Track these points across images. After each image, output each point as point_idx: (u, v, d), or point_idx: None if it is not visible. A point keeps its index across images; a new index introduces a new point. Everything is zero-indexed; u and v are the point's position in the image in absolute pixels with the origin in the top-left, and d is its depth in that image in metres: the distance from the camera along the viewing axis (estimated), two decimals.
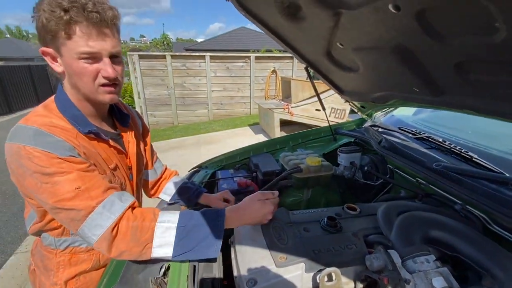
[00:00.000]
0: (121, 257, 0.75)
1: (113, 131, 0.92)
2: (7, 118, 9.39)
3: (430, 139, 1.24)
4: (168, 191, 1.21)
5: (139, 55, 6.89)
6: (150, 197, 1.25)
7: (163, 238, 0.73)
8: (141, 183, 1.11)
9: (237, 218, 0.80)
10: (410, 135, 1.35)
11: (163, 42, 22.44)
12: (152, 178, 1.18)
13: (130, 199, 0.77)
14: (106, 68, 0.73)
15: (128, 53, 7.02)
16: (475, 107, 0.80)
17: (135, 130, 1.02)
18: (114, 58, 0.76)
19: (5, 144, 0.71)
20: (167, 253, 0.74)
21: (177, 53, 7.42)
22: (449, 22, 0.60)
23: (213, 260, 0.81)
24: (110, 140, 0.85)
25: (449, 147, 1.13)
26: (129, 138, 0.96)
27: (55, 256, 0.89)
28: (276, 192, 0.85)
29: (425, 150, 1.18)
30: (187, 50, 16.96)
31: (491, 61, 0.61)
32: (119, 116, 0.95)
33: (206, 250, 0.75)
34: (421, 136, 1.29)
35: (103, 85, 0.76)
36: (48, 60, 0.74)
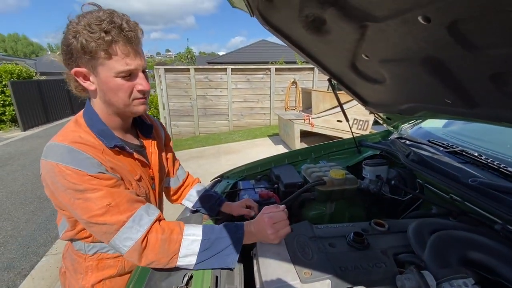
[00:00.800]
0: (150, 266, 0.80)
1: (136, 142, 0.96)
2: (45, 128, 10.16)
3: (464, 153, 1.17)
4: (191, 198, 1.24)
5: (165, 68, 7.24)
6: (172, 203, 1.28)
7: (189, 250, 0.79)
8: (162, 192, 1.14)
9: (253, 236, 0.84)
10: (441, 148, 1.28)
11: (187, 56, 23.43)
12: (174, 185, 1.22)
13: (156, 212, 0.82)
14: (141, 82, 0.79)
15: (155, 67, 7.39)
16: None
17: (157, 140, 1.05)
18: (144, 72, 0.81)
19: (41, 161, 0.76)
20: (191, 261, 0.80)
21: (201, 66, 7.70)
22: (484, 33, 0.57)
23: (231, 269, 0.85)
24: (134, 153, 0.88)
25: (485, 162, 1.06)
26: (151, 149, 0.99)
27: (84, 261, 0.93)
28: (283, 208, 0.87)
29: (459, 165, 1.11)
30: (209, 63, 17.55)
31: None
32: (142, 127, 0.99)
33: (225, 259, 0.80)
34: (454, 149, 1.22)
35: (137, 98, 0.81)
36: (80, 80, 0.77)
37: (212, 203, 1.19)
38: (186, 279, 0.86)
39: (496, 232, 0.85)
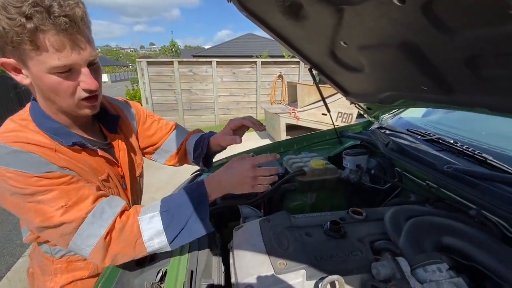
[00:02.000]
0: (116, 261, 0.72)
1: (100, 140, 0.86)
2: None
3: (440, 141, 1.18)
4: (189, 147, 1.11)
5: (147, 61, 7.01)
6: (180, 165, 1.18)
7: (151, 229, 0.70)
8: (139, 188, 1.07)
9: (217, 186, 0.75)
10: (419, 137, 1.29)
11: (171, 49, 22.85)
12: (165, 158, 1.11)
13: (120, 204, 0.73)
14: (86, 80, 0.65)
15: (137, 60, 7.16)
16: (488, 104, 0.75)
17: (127, 131, 0.96)
18: (92, 65, 0.68)
19: None
20: (162, 241, 0.71)
21: (184, 59, 7.52)
22: (458, 14, 0.56)
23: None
24: (98, 150, 0.79)
25: (461, 149, 1.07)
26: (119, 145, 0.89)
27: (51, 263, 0.87)
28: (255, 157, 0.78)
29: (436, 152, 1.13)
30: (194, 56, 17.22)
31: (505, 53, 0.57)
32: (105, 122, 0.88)
33: (197, 226, 0.72)
34: (431, 137, 1.23)
35: (85, 98, 0.68)
36: (11, 73, 0.63)
37: (201, 148, 1.05)
38: (160, 275, 0.82)
39: (471, 218, 0.86)
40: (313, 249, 0.71)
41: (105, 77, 35.50)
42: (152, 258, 0.91)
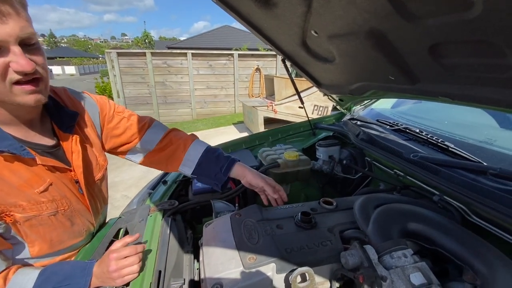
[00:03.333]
0: None
1: (48, 141, 0.75)
2: None
3: (407, 130, 1.22)
4: (188, 162, 0.97)
5: (117, 52, 6.63)
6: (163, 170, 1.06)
7: None
8: (101, 192, 0.95)
9: (96, 280, 0.70)
10: (388, 126, 1.33)
11: (145, 41, 21.82)
12: (140, 158, 1.00)
13: None
14: (18, 60, 0.56)
15: (106, 51, 6.74)
16: (450, 93, 0.78)
17: (83, 131, 0.85)
18: (28, 46, 0.59)
19: None
20: None
21: (158, 51, 7.20)
22: (422, 0, 0.56)
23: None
24: (37, 158, 0.68)
25: (426, 138, 1.12)
26: (72, 147, 0.78)
27: None
28: (141, 246, 0.75)
29: (403, 142, 1.16)
30: (169, 48, 16.61)
31: (466, 41, 0.58)
32: (59, 119, 0.77)
33: None
34: (399, 127, 1.27)
35: (18, 83, 0.59)
36: None
37: (218, 170, 0.93)
38: None
39: (435, 203, 0.90)
40: (283, 242, 0.69)
41: (72, 69, 33.19)
42: None
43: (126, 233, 0.98)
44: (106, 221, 1.07)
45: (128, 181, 3.96)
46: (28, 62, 0.57)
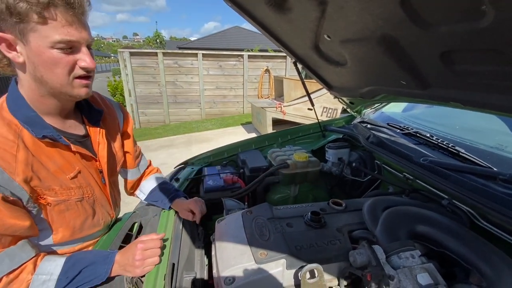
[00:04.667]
0: None
1: (79, 132, 0.84)
2: None
3: (418, 135, 1.23)
4: (144, 189, 1.14)
5: (130, 52, 6.76)
6: (129, 195, 1.19)
7: None
8: (117, 183, 1.03)
9: (118, 267, 0.76)
10: (398, 130, 1.34)
11: (156, 40, 22.16)
12: (133, 177, 1.12)
13: (22, 259, 0.67)
14: (85, 58, 0.68)
15: (119, 50, 6.89)
16: (461, 99, 0.79)
17: (110, 127, 0.94)
18: (89, 49, 0.71)
19: None
20: None
21: (169, 51, 7.31)
22: (435, 8, 0.58)
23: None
24: (72, 145, 0.77)
25: (436, 142, 1.12)
26: (99, 139, 0.87)
27: None
28: (160, 241, 0.81)
29: (413, 145, 1.17)
30: (180, 48, 16.81)
31: (477, 49, 0.59)
32: (89, 113, 0.87)
33: None
34: (409, 131, 1.28)
35: (79, 77, 0.70)
36: (3, 49, 0.63)
37: (166, 197, 1.10)
38: None
39: (443, 207, 0.91)
40: (293, 239, 0.72)
41: None
42: None
43: (140, 227, 1.03)
44: (121, 215, 1.12)
45: None
46: (92, 61, 0.70)
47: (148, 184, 1.14)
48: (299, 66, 1.43)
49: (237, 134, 6.23)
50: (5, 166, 0.63)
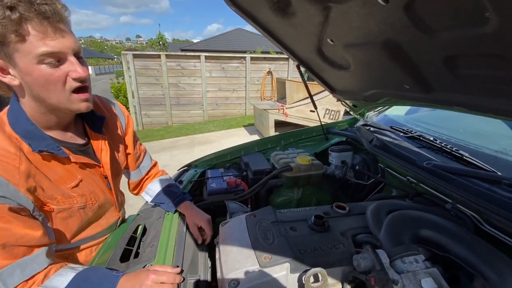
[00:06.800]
0: None
1: (81, 141, 0.83)
2: None
3: (421, 138, 1.23)
4: (150, 192, 1.14)
5: (133, 54, 6.82)
6: (135, 195, 1.20)
7: None
8: (118, 185, 1.03)
9: None
10: (402, 134, 1.34)
11: (159, 42, 22.30)
12: (135, 178, 1.12)
13: (34, 271, 0.66)
14: (75, 68, 0.65)
15: (123, 52, 6.95)
16: (465, 103, 0.79)
17: (112, 133, 0.94)
18: (78, 58, 0.68)
19: None
20: None
21: (172, 53, 7.36)
22: (439, 14, 0.58)
23: None
24: (71, 156, 0.76)
25: (440, 146, 1.12)
26: (101, 145, 0.87)
27: None
28: (179, 277, 0.74)
29: (416, 149, 1.17)
30: (182, 50, 16.91)
31: (481, 54, 0.59)
32: (91, 121, 0.86)
33: None
34: (413, 135, 1.28)
35: (76, 91, 0.68)
36: None
37: (172, 200, 1.09)
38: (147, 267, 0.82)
39: (447, 211, 0.91)
40: (297, 243, 0.72)
41: (89, 70, 34.14)
42: (136, 254, 0.90)
43: (145, 229, 1.04)
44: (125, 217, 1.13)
45: None
46: (84, 69, 0.67)
47: (154, 187, 1.14)
48: (302, 69, 1.43)
49: (240, 136, 6.24)
50: (10, 178, 0.64)
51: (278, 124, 5.61)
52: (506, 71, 0.59)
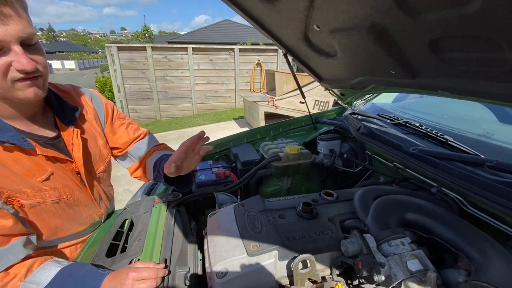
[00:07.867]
0: None
1: (50, 133, 0.78)
2: None
3: (407, 124, 1.24)
4: (148, 165, 1.04)
5: (118, 47, 6.61)
6: (146, 181, 1.12)
7: None
8: (104, 184, 0.99)
9: None
10: (388, 121, 1.35)
11: (145, 35, 21.67)
12: (128, 164, 1.05)
13: (11, 260, 0.63)
14: (19, 59, 0.58)
15: (106, 45, 6.72)
16: (449, 87, 0.79)
17: (87, 126, 0.88)
18: (29, 46, 0.62)
19: None
20: None
21: (158, 45, 7.17)
22: None
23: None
24: (37, 148, 0.71)
25: (425, 131, 1.13)
26: (73, 140, 0.81)
27: None
28: (162, 271, 0.70)
29: (403, 135, 1.18)
30: (169, 42, 16.51)
31: (465, 35, 0.59)
32: (62, 113, 0.80)
33: None
34: (399, 121, 1.29)
35: (20, 79, 0.62)
36: None
37: (158, 171, 0.98)
38: (133, 262, 0.80)
39: (432, 195, 0.92)
40: (285, 231, 0.72)
41: (72, 64, 33.02)
42: (123, 249, 0.88)
43: (132, 224, 1.01)
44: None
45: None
46: (29, 61, 0.60)
47: (151, 162, 1.03)
48: (290, 58, 1.42)
49: (230, 129, 6.20)
50: None
51: (268, 116, 5.60)
52: (489, 53, 0.59)
